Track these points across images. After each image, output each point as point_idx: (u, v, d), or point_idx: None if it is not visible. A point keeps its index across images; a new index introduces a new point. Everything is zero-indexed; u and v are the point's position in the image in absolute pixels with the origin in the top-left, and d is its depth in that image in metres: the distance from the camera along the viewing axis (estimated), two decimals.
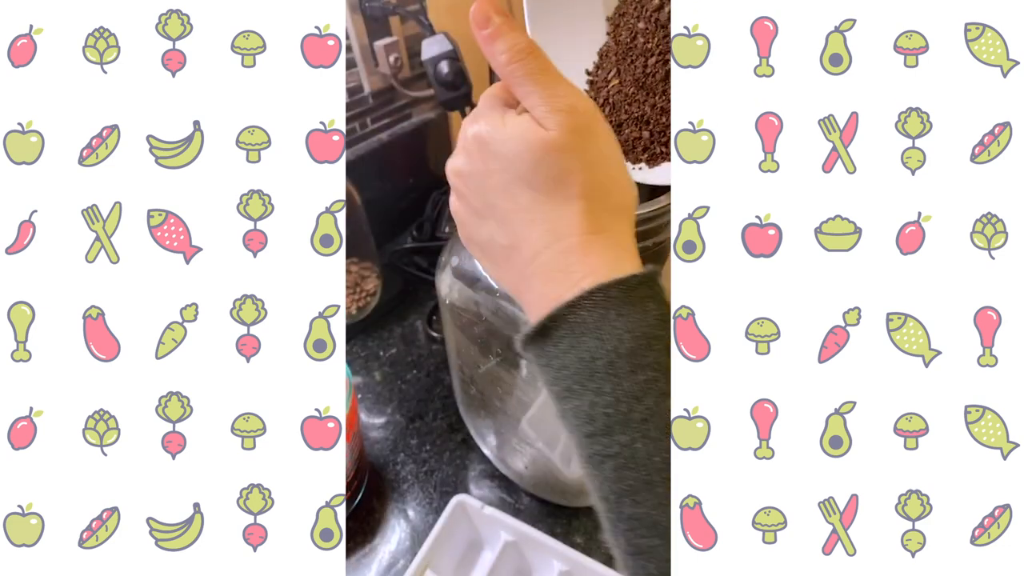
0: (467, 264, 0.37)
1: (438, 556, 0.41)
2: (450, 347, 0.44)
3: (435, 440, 0.54)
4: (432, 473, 0.51)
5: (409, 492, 0.50)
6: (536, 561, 0.42)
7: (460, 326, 0.39)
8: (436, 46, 0.59)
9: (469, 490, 0.50)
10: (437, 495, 0.50)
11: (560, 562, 0.40)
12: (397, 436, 0.55)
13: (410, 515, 0.48)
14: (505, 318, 0.34)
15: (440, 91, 0.60)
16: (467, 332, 0.39)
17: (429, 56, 0.59)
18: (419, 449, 0.53)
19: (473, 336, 0.38)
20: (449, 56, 0.59)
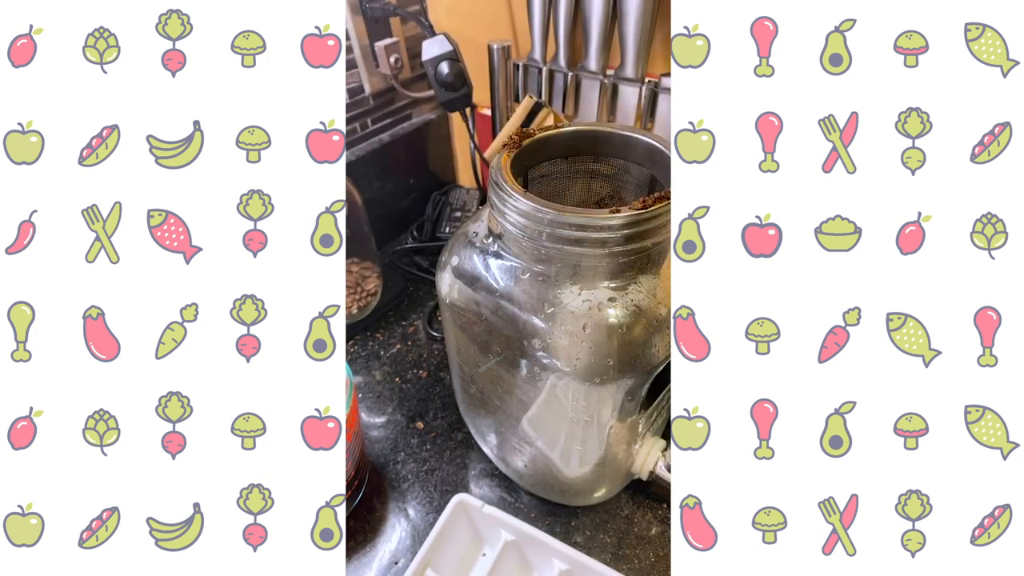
0: (467, 263, 0.37)
1: (438, 555, 0.41)
2: (450, 347, 0.44)
3: (435, 439, 0.54)
4: (432, 472, 0.51)
5: (410, 491, 0.50)
6: (536, 560, 0.42)
7: (460, 325, 0.39)
8: (436, 47, 0.59)
9: (469, 489, 0.50)
10: (438, 494, 0.50)
11: (560, 561, 0.40)
12: (398, 435, 0.55)
13: (410, 514, 0.48)
14: (505, 317, 0.34)
15: (440, 92, 0.61)
16: (467, 331, 0.38)
17: (429, 57, 0.59)
18: (419, 448, 0.53)
19: (473, 335, 0.38)
20: (449, 57, 0.59)
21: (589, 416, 0.36)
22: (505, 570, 0.42)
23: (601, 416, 0.36)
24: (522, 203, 0.31)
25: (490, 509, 0.42)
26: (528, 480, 0.47)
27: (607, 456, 0.40)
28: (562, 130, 0.39)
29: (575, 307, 0.32)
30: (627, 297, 0.32)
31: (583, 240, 0.30)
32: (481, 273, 0.35)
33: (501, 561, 0.41)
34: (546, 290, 0.32)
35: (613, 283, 0.32)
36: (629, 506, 0.48)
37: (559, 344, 0.32)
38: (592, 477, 0.43)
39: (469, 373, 0.43)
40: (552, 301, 0.32)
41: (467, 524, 0.44)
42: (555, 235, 0.30)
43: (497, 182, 0.32)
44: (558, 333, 0.32)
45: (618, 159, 0.40)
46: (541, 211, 0.30)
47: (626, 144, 0.38)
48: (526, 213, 0.31)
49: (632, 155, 0.39)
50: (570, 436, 0.38)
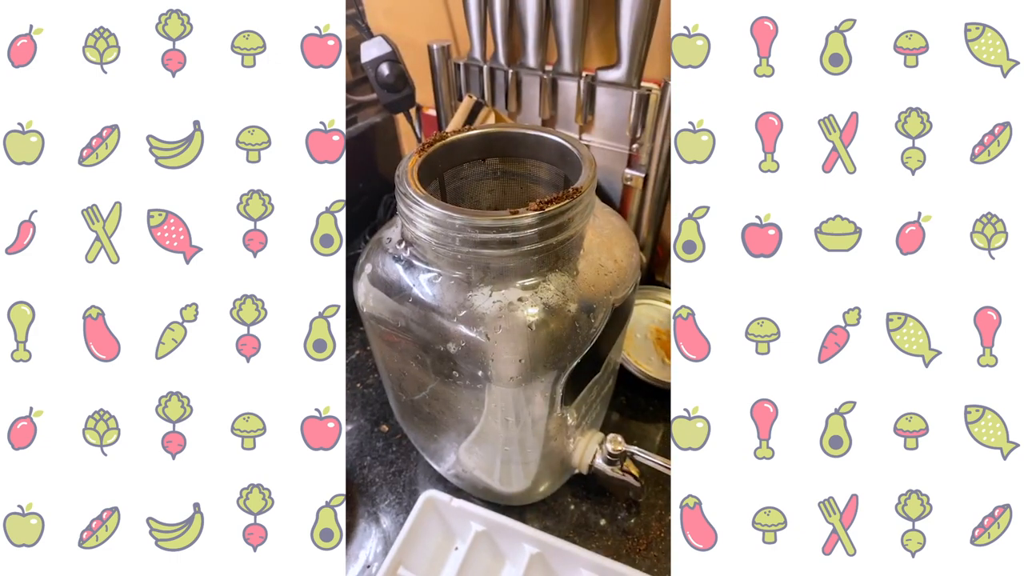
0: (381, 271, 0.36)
1: (411, 553, 0.41)
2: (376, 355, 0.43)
3: (401, 440, 0.54)
4: (400, 473, 0.51)
5: (378, 494, 0.50)
6: (507, 548, 0.43)
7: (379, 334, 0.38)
8: (375, 48, 0.59)
9: (437, 488, 0.50)
10: (406, 495, 0.50)
11: (531, 545, 0.41)
12: (363, 440, 0.54)
13: (380, 517, 0.48)
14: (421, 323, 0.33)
15: (382, 94, 0.60)
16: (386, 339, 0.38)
17: (369, 59, 0.59)
18: (385, 451, 0.53)
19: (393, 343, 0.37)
20: (389, 58, 0.59)
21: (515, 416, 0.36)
22: (478, 560, 0.42)
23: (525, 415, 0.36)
24: (429, 208, 0.31)
25: (459, 502, 0.42)
26: (468, 485, 0.47)
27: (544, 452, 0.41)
28: (472, 132, 0.39)
29: (487, 309, 0.32)
30: (536, 295, 0.32)
31: (489, 242, 0.30)
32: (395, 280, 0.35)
33: (473, 552, 0.42)
34: (459, 293, 0.32)
35: (524, 282, 0.32)
36: (574, 500, 0.49)
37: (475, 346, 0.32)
38: (534, 474, 0.43)
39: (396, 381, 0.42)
40: (465, 304, 0.32)
41: (437, 520, 0.44)
42: (463, 239, 0.30)
43: (403, 188, 0.32)
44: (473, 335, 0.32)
45: (531, 159, 0.40)
46: (448, 216, 0.30)
47: (539, 144, 0.39)
48: (433, 218, 0.31)
49: (544, 155, 0.39)
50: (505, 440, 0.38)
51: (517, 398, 0.35)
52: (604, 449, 0.44)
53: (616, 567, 0.39)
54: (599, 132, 0.60)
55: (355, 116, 0.80)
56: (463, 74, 0.66)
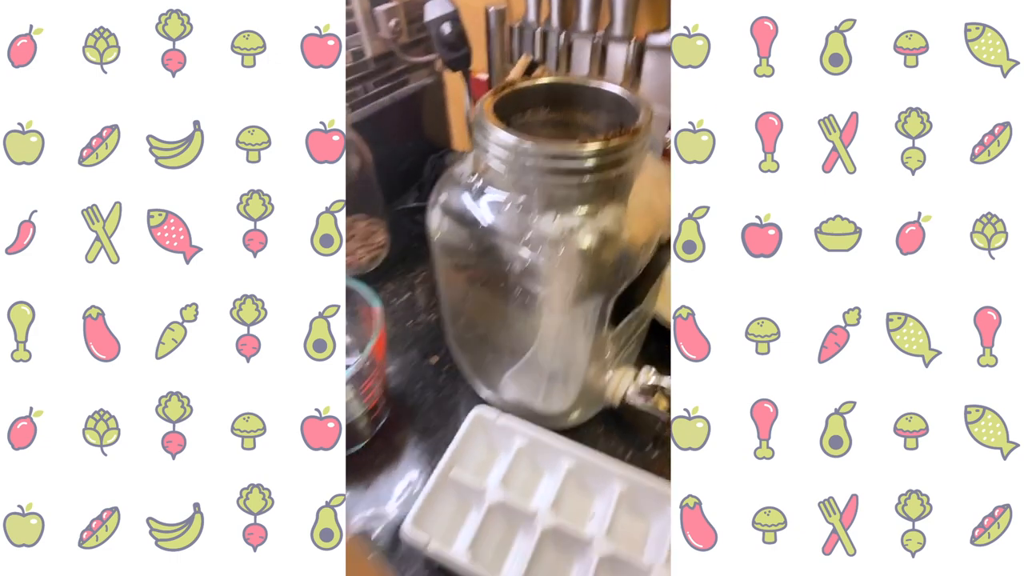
0: (454, 201, 0.39)
1: (461, 460, 0.45)
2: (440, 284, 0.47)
3: (448, 371, 0.59)
4: (447, 399, 0.56)
5: (427, 415, 0.54)
6: (545, 462, 0.46)
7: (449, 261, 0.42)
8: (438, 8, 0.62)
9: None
10: (452, 417, 0.54)
11: (568, 460, 0.45)
12: (414, 370, 0.59)
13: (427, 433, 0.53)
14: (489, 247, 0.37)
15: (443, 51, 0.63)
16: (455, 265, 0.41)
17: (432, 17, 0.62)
18: (435, 378, 0.58)
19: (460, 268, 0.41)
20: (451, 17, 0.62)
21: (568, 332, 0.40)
22: (520, 470, 0.46)
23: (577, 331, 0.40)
24: (503, 137, 0.34)
25: (505, 418, 0.47)
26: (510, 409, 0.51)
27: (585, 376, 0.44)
28: (539, 82, 0.42)
29: (549, 233, 0.35)
30: (594, 222, 0.35)
31: (556, 169, 0.33)
32: (467, 208, 0.38)
33: (516, 463, 0.46)
34: (524, 218, 0.36)
35: (583, 210, 0.35)
36: (603, 431, 0.52)
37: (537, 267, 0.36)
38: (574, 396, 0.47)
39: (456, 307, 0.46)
40: (529, 228, 0.35)
41: (483, 434, 0.48)
42: (533, 166, 0.33)
43: (480, 121, 0.36)
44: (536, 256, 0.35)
45: (590, 109, 0.43)
46: (520, 143, 0.33)
47: (597, 95, 0.41)
48: (507, 146, 0.34)
49: (602, 104, 0.42)
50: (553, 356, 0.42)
51: (573, 316, 0.38)
52: (638, 381, 0.47)
53: (647, 479, 0.42)
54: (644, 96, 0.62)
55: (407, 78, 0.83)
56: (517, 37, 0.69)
